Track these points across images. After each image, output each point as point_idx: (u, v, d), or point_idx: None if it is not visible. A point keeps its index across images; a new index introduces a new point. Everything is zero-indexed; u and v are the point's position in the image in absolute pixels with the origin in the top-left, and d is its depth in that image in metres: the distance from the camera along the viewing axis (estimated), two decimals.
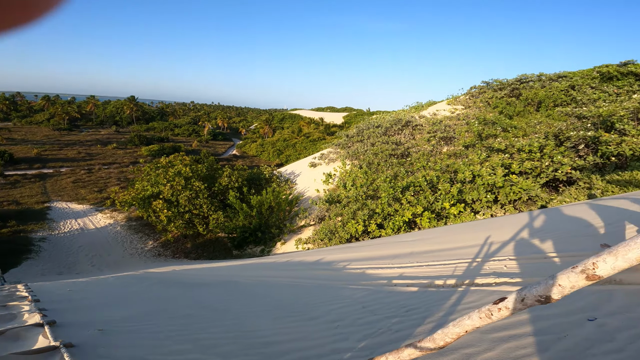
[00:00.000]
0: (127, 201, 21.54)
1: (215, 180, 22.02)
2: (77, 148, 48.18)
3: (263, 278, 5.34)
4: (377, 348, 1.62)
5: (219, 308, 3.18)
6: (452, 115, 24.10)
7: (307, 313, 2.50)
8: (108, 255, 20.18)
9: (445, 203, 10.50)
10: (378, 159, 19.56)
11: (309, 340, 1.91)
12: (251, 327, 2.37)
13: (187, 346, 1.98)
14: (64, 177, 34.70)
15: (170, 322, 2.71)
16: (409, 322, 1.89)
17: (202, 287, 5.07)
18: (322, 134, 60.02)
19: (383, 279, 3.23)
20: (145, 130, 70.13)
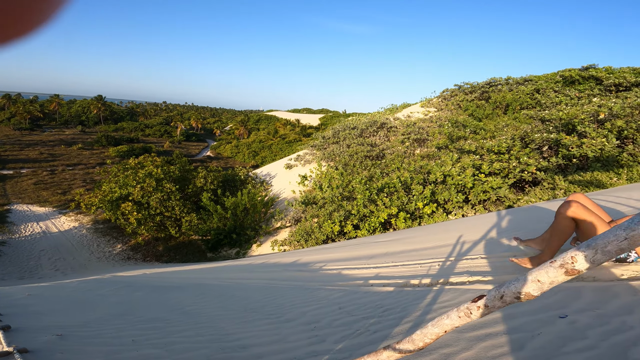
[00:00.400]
0: (93, 203, 20.62)
1: (188, 182, 21.47)
2: (39, 148, 45.70)
3: (237, 280, 5.23)
4: (356, 350, 1.60)
5: (190, 311, 3.08)
6: (425, 117, 24.67)
7: (282, 315, 2.44)
8: (73, 259, 19.36)
9: (419, 203, 10.71)
10: (354, 160, 19.72)
11: (285, 343, 1.86)
12: (225, 330, 2.30)
13: (157, 351, 1.90)
14: (24, 179, 32.84)
15: (137, 325, 2.61)
16: (386, 323, 1.88)
17: (173, 290, 4.91)
18: (298, 136, 59.95)
19: (359, 280, 3.22)
20: (113, 130, 67.50)
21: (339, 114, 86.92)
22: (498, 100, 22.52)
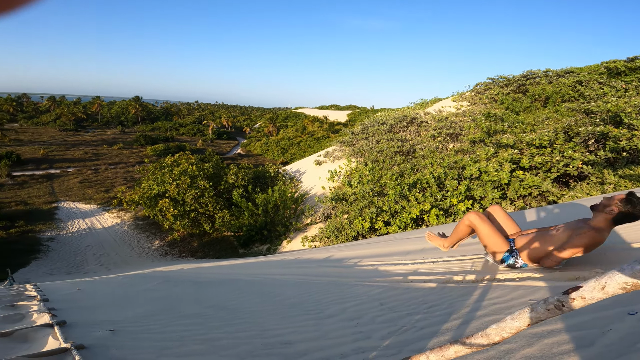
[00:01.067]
0: (134, 200, 21.66)
1: (221, 179, 22.06)
2: (83, 148, 48.58)
3: (272, 276, 5.29)
4: (404, 346, 1.55)
5: (229, 307, 3.11)
6: (457, 111, 24.02)
7: (322, 311, 2.43)
8: (116, 255, 20.35)
9: (453, 199, 10.39)
10: (383, 156, 19.48)
11: (328, 339, 1.84)
12: (265, 326, 2.29)
13: (201, 347, 1.91)
14: (71, 177, 35.00)
15: (181, 321, 2.65)
16: (432, 319, 1.82)
17: (211, 286, 5.02)
18: (327, 132, 59.99)
19: (397, 276, 3.16)
20: (150, 130, 70.57)
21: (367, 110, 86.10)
22: (537, 93, 21.48)
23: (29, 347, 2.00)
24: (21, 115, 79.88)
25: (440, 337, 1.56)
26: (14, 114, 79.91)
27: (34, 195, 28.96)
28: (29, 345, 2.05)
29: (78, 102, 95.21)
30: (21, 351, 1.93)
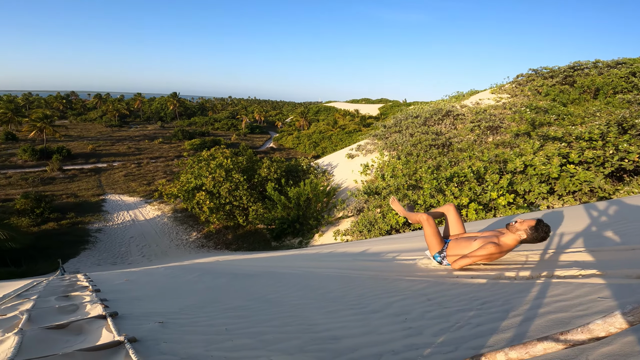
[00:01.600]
0: (173, 193, 22.60)
1: (254, 172, 22.49)
2: (127, 143, 51.30)
3: (307, 269, 5.30)
4: (461, 343, 1.48)
5: (272, 300, 3.10)
6: (497, 104, 23.15)
7: (366, 306, 2.38)
8: (156, 246, 21.26)
9: (493, 193, 9.95)
10: (417, 149, 19.03)
11: (377, 335, 1.79)
12: (311, 320, 2.26)
13: (249, 341, 1.90)
14: (116, 171, 37.08)
15: (225, 314, 2.66)
16: (488, 316, 1.73)
17: (250, 278, 5.04)
18: (358, 126, 59.47)
19: (441, 271, 3.05)
20: (187, 125, 73.24)
21: (399, 103, 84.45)
22: (586, 85, 20.11)
23: (83, 340, 2.00)
24: (70, 112, 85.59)
25: (500, 335, 1.47)
26: (63, 111, 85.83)
27: (83, 188, 30.95)
28: (84, 337, 2.05)
29: (121, 99, 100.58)
30: (76, 344, 1.93)
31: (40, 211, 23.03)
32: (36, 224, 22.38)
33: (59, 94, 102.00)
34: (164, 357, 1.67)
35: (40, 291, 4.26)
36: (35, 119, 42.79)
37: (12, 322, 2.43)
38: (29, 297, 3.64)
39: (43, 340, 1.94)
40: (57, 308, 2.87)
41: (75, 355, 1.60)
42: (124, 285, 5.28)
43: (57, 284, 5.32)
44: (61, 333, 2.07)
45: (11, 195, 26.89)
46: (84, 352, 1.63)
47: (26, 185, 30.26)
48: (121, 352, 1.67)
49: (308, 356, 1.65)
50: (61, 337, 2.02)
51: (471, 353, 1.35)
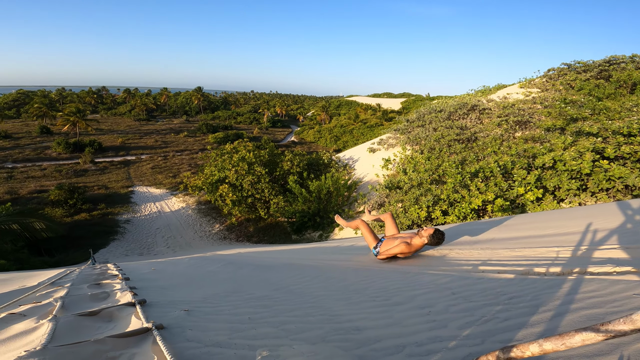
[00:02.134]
0: (197, 186, 23.16)
1: (276, 166, 22.69)
2: (154, 136, 52.90)
3: (328, 262, 5.32)
4: (488, 337, 1.46)
5: (294, 290, 3.13)
6: (526, 98, 22.50)
7: (389, 298, 2.38)
8: (181, 237, 21.84)
9: (519, 189, 9.62)
10: (441, 144, 18.65)
11: (401, 327, 1.78)
12: (333, 311, 2.27)
13: (272, 330, 1.93)
14: (144, 164, 38.33)
15: (248, 303, 2.70)
16: (516, 311, 1.69)
17: (273, 269, 5.10)
18: (380, 120, 58.83)
19: (465, 265, 2.99)
20: (211, 119, 74.65)
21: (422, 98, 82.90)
22: (622, 79, 19.13)
23: (114, 327, 2.06)
24: (101, 106, 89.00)
25: (529, 329, 1.44)
26: (95, 106, 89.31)
27: (113, 180, 32.20)
28: (114, 324, 2.11)
29: (149, 93, 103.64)
30: (107, 330, 1.99)
31: (73, 202, 24.08)
32: (69, 215, 23.43)
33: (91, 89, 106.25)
34: (189, 344, 1.71)
35: (73, 279, 4.45)
36: (68, 113, 44.81)
37: (46, 309, 2.52)
38: (62, 285, 3.79)
39: (75, 326, 2.01)
40: (90, 295, 2.98)
41: (106, 341, 1.64)
42: (151, 274, 5.43)
43: (89, 272, 5.55)
44: (93, 320, 2.14)
45: (46, 186, 28.30)
46: (114, 338, 1.68)
47: (60, 177, 31.79)
48: (149, 338, 1.71)
49: (330, 346, 1.66)
50: (93, 324, 2.09)
51: (499, 346, 1.33)
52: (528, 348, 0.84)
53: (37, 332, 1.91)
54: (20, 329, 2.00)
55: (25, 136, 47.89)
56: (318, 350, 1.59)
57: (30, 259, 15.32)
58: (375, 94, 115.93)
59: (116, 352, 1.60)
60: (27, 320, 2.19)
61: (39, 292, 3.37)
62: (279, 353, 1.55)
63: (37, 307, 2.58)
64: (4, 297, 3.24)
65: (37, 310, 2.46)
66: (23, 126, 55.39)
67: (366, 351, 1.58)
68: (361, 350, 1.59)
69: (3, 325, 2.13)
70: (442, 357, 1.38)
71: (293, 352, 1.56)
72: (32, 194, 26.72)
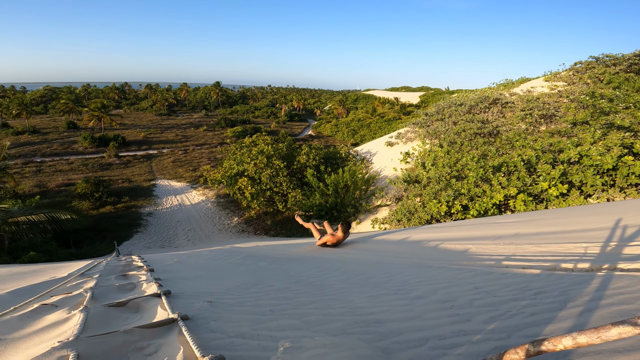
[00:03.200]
0: (216, 179, 23.51)
1: (294, 159, 22.74)
2: (175, 131, 53.93)
3: (347, 255, 5.33)
4: (514, 331, 1.44)
5: (314, 283, 3.14)
6: (552, 92, 21.87)
7: (410, 292, 2.37)
8: (200, 230, 22.19)
9: (543, 184, 9.34)
10: (461, 138, 18.28)
11: (423, 320, 1.78)
12: (354, 303, 2.27)
13: (294, 321, 1.95)
14: (165, 158, 39.16)
15: (269, 295, 2.73)
16: (543, 306, 1.66)
17: (292, 262, 5.14)
18: (398, 114, 58.06)
19: (488, 260, 2.94)
20: (229, 113, 75.47)
21: (441, 91, 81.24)
22: None
23: (141, 317, 2.11)
24: (124, 102, 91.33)
25: (557, 324, 1.41)
26: (118, 101, 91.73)
27: (136, 174, 33.07)
28: (141, 315, 2.16)
29: (169, 88, 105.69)
30: (134, 321, 2.03)
31: (99, 195, 24.85)
32: (95, 207, 24.19)
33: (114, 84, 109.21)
34: (213, 334, 1.75)
35: (101, 270, 4.58)
36: (93, 109, 46.24)
37: (77, 299, 2.60)
38: (91, 276, 3.90)
39: (105, 317, 2.06)
40: (117, 286, 3.06)
41: (135, 332, 1.68)
42: (174, 266, 5.53)
43: (116, 264, 5.70)
44: (121, 310, 2.20)
45: (73, 180, 29.35)
46: (142, 329, 1.72)
47: (86, 171, 32.92)
48: (174, 329, 1.74)
49: (352, 338, 1.66)
50: (121, 314, 2.15)
51: (525, 341, 1.31)
52: (560, 341, 0.83)
53: (69, 322, 1.96)
54: (53, 319, 2.06)
55: (53, 131, 49.77)
56: (340, 342, 1.60)
57: (59, 251, 15.81)
58: (393, 88, 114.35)
59: (144, 342, 1.64)
60: (59, 311, 2.26)
61: (69, 283, 3.47)
62: (301, 344, 1.56)
63: (68, 297, 2.66)
64: (35, 288, 3.34)
65: (69, 301, 2.54)
66: (51, 121, 57.56)
67: (388, 343, 1.58)
68: (383, 342, 1.60)
69: (36, 316, 2.19)
70: (466, 351, 1.37)
71: (315, 343, 1.57)
72: (60, 187, 27.77)
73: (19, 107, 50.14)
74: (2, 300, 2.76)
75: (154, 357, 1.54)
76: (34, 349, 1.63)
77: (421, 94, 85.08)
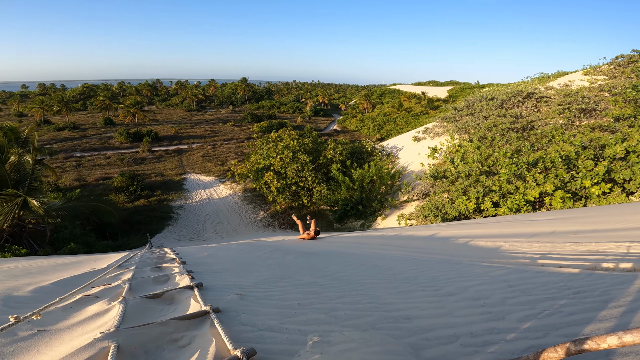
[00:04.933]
0: (243, 173, 23.92)
1: (319, 154, 22.76)
2: (203, 126, 55.34)
3: (373, 250, 5.30)
4: (552, 330, 1.39)
5: (341, 278, 3.13)
6: (592, 85, 20.88)
7: (440, 288, 2.33)
8: (228, 224, 22.61)
9: (585, 181, 8.86)
10: (492, 133, 17.66)
11: (453, 317, 1.75)
12: (382, 299, 2.26)
13: (322, 316, 1.96)
14: (195, 152, 40.29)
15: (297, 289, 2.74)
16: (583, 306, 1.59)
17: (318, 256, 5.15)
18: (425, 109, 56.80)
19: (522, 258, 2.85)
20: (255, 108, 76.50)
21: (470, 86, 78.66)
22: None
23: (175, 309, 2.15)
24: (156, 98, 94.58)
25: (598, 324, 1.35)
26: (151, 98, 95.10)
27: (167, 168, 34.24)
28: (175, 306, 2.20)
29: (198, 85, 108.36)
30: (169, 313, 2.08)
31: (134, 189, 25.92)
32: (130, 201, 25.25)
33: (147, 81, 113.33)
34: (244, 327, 1.78)
35: (137, 262, 4.75)
36: (128, 105, 48.20)
37: (116, 291, 2.71)
38: (128, 268, 4.04)
39: (142, 308, 2.13)
40: (152, 278, 3.15)
41: (170, 323, 1.73)
42: (205, 258, 5.65)
43: (150, 256, 5.90)
44: (156, 302, 2.27)
45: (110, 174, 30.78)
46: (177, 320, 1.76)
47: (122, 165, 34.45)
48: (207, 321, 1.78)
49: (381, 333, 1.65)
50: (156, 306, 2.21)
51: (563, 340, 1.26)
52: (605, 340, 0.80)
53: (109, 313, 2.04)
54: (94, 310, 2.15)
55: (91, 127, 52.34)
56: (368, 337, 1.59)
57: (97, 243, 16.55)
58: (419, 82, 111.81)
59: (178, 334, 1.68)
60: (99, 302, 2.35)
61: (108, 275, 3.59)
62: (330, 339, 1.56)
63: (108, 289, 2.78)
64: (77, 279, 3.50)
65: (108, 292, 2.65)
66: (89, 118, 60.54)
67: (418, 340, 1.56)
68: (413, 338, 1.58)
69: (79, 306, 2.28)
70: (499, 349, 1.34)
71: (344, 338, 1.57)
72: (98, 181, 29.21)
73: (59, 104, 53.04)
74: (46, 291, 2.88)
75: (187, 348, 1.57)
76: (77, 340, 1.69)
77: (449, 88, 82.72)
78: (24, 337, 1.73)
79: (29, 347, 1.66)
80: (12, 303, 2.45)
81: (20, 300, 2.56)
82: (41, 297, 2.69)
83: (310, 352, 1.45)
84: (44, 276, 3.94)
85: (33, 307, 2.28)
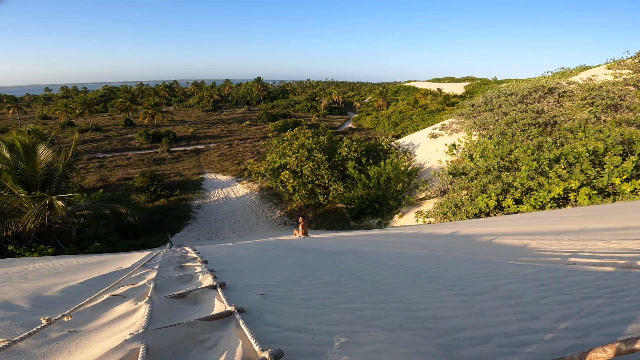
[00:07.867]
0: (260, 172, 24.07)
1: (334, 152, 22.70)
2: (220, 126, 56.01)
3: (396, 248, 5.25)
4: (592, 330, 1.35)
5: (363, 277, 3.10)
6: (616, 80, 20.24)
7: (467, 287, 2.29)
8: (245, 222, 22.78)
9: (614, 178, 8.54)
10: (512, 129, 17.25)
11: (484, 317, 1.71)
12: (407, 298, 2.22)
13: (347, 316, 1.93)
14: (212, 152, 40.82)
15: (321, 288, 2.71)
16: (622, 305, 1.54)
17: (338, 255, 5.11)
18: (441, 105, 55.91)
19: (552, 257, 2.77)
20: (270, 107, 76.92)
21: (487, 81, 76.91)
22: None
23: (200, 309, 2.15)
24: (174, 99, 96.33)
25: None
26: (168, 99, 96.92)
27: (186, 168, 34.82)
28: (200, 306, 2.20)
29: (213, 85, 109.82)
30: (194, 313, 2.08)
31: (154, 189, 26.46)
32: (150, 200, 25.77)
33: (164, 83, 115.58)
34: (269, 328, 1.76)
35: (160, 261, 4.80)
36: (147, 107, 49.26)
37: (141, 290, 2.71)
38: (152, 267, 4.08)
39: (168, 308, 2.13)
40: (176, 278, 3.17)
41: (196, 324, 1.73)
42: (225, 257, 5.67)
43: (172, 255, 5.95)
44: (181, 302, 2.26)
45: (131, 174, 31.53)
46: (203, 321, 1.75)
47: (142, 165, 35.25)
48: (232, 321, 1.77)
49: (409, 334, 1.62)
50: (181, 306, 2.21)
51: (606, 340, 1.22)
52: None
53: (137, 314, 2.04)
54: (122, 310, 2.15)
55: (112, 128, 53.77)
56: (397, 337, 1.56)
57: (120, 242, 16.94)
58: (435, 79, 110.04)
59: (205, 335, 1.67)
60: (127, 302, 2.36)
61: (133, 274, 3.63)
62: (357, 340, 1.54)
63: (134, 288, 2.79)
64: (104, 279, 3.56)
65: (134, 292, 2.66)
66: (110, 119, 62.18)
67: (449, 340, 1.53)
68: (444, 339, 1.55)
69: (107, 307, 2.29)
70: (537, 349, 1.30)
71: (371, 339, 1.54)
72: (120, 181, 29.99)
73: (81, 107, 54.69)
74: (75, 291, 2.92)
75: (214, 349, 1.55)
76: (107, 341, 1.70)
77: (466, 84, 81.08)
78: (55, 339, 1.74)
79: (60, 348, 1.66)
80: (41, 303, 2.48)
81: (49, 300, 2.59)
82: (70, 297, 2.72)
83: (338, 353, 1.42)
84: (72, 275, 4.01)
85: (62, 307, 2.33)
